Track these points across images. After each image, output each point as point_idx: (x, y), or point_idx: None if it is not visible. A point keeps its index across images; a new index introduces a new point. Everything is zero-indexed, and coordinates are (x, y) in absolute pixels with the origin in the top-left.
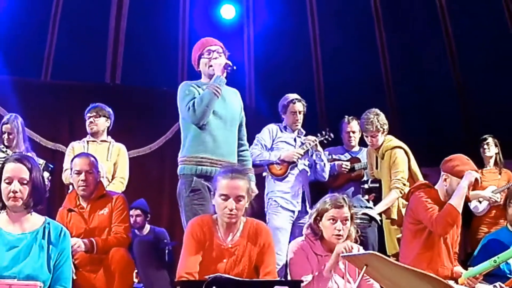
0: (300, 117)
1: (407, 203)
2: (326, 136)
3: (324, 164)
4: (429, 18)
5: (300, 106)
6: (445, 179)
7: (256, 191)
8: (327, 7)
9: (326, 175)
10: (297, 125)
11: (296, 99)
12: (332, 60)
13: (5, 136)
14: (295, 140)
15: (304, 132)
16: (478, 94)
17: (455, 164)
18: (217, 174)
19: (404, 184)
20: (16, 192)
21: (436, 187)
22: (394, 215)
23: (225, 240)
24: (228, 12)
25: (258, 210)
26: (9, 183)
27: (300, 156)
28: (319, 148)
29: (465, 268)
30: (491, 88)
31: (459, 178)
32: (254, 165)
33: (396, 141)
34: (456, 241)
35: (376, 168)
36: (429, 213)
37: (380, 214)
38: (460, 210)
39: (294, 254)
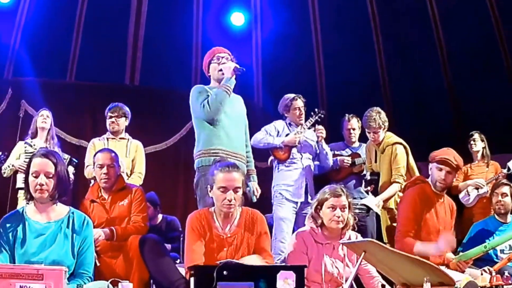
0: (303, 112)
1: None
2: (320, 115)
3: (327, 152)
4: (422, 26)
5: (301, 103)
6: (430, 169)
7: (259, 191)
8: (329, 15)
9: (330, 162)
10: (301, 120)
11: (297, 96)
12: (333, 62)
13: (39, 125)
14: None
15: (306, 126)
16: (466, 93)
17: (435, 153)
18: (214, 169)
19: (404, 179)
20: (43, 185)
21: (429, 180)
22: (392, 205)
23: (224, 230)
24: (237, 19)
25: (266, 201)
26: (36, 177)
27: (300, 139)
28: (324, 145)
29: (456, 254)
30: (478, 88)
31: (434, 163)
32: (256, 148)
33: (396, 138)
34: (447, 230)
35: (375, 161)
36: (402, 230)
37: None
38: (420, 254)
39: (292, 248)
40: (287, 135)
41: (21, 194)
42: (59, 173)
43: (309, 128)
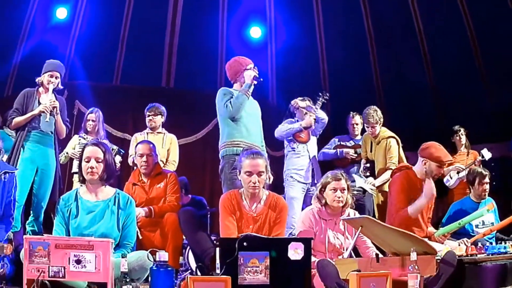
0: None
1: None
2: (326, 97)
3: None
4: (410, 38)
5: (304, 103)
6: (424, 163)
7: (271, 178)
8: (332, 29)
9: (325, 120)
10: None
11: (306, 98)
12: (335, 69)
13: (89, 123)
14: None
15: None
16: (447, 94)
17: (432, 151)
18: (241, 156)
19: (396, 166)
20: (93, 168)
21: (414, 167)
22: (385, 189)
23: (251, 209)
24: (255, 33)
25: (280, 184)
26: (88, 161)
27: (314, 119)
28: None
29: (437, 229)
30: (458, 89)
31: (436, 163)
32: (281, 136)
33: (389, 132)
34: (430, 208)
35: (371, 151)
36: (394, 207)
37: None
38: (414, 215)
39: (301, 223)
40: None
41: (75, 178)
42: (107, 159)
43: (321, 109)
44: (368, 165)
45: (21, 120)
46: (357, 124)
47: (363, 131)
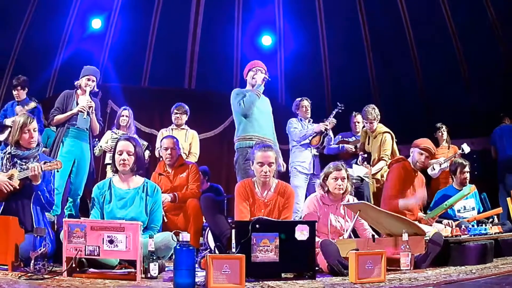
0: (308, 110)
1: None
2: (342, 107)
3: (331, 137)
4: (401, 45)
5: (306, 102)
6: (412, 152)
7: (285, 165)
8: (334, 37)
9: (338, 147)
10: (307, 115)
11: (304, 98)
12: (336, 73)
13: (123, 118)
14: (308, 127)
15: (312, 120)
16: (434, 95)
17: (416, 141)
18: (254, 149)
19: (389, 158)
20: (125, 160)
21: (409, 159)
22: (378, 177)
23: (262, 196)
24: (266, 41)
25: (286, 174)
26: (120, 154)
27: (326, 127)
28: (330, 133)
29: (425, 213)
30: (443, 91)
31: (416, 148)
32: (297, 140)
33: (385, 128)
34: (414, 194)
35: (368, 144)
36: (388, 194)
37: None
38: (402, 209)
39: (307, 208)
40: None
41: (108, 168)
42: (137, 152)
43: (334, 117)
44: (365, 155)
45: (61, 117)
46: (358, 122)
47: (348, 130)
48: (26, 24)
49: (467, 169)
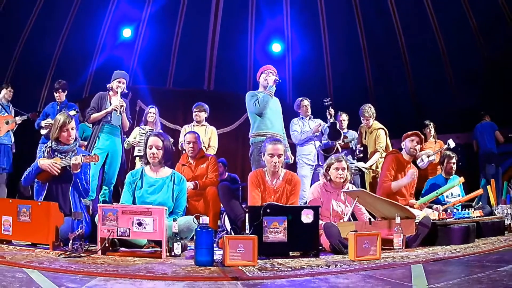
0: (308, 108)
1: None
2: (328, 101)
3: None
4: (394, 51)
5: (306, 102)
6: (403, 144)
7: (293, 158)
8: (335, 45)
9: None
10: (307, 114)
11: (304, 98)
12: (337, 76)
13: (151, 115)
14: (309, 124)
15: (312, 116)
16: (423, 96)
17: (406, 133)
18: (265, 142)
19: (383, 150)
20: (154, 153)
21: (402, 152)
22: (373, 168)
23: (272, 184)
24: (276, 48)
25: (293, 165)
26: (151, 148)
27: (319, 129)
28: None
29: (417, 200)
30: (431, 92)
31: (407, 137)
32: (299, 142)
33: (380, 124)
34: (413, 186)
35: (365, 138)
36: (382, 180)
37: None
38: (395, 189)
39: (311, 195)
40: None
41: (137, 160)
42: (165, 146)
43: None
44: (362, 148)
45: (97, 115)
46: (344, 120)
47: (349, 125)
48: (65, 34)
49: (453, 160)
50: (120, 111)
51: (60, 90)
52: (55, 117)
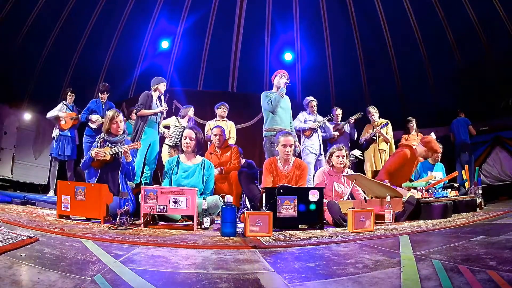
0: (315, 107)
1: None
2: (333, 116)
3: (329, 128)
4: (385, 58)
5: (314, 103)
6: (420, 146)
7: (300, 147)
8: (336, 55)
9: (331, 132)
10: (314, 111)
11: (313, 100)
12: (339, 80)
13: (191, 111)
14: (314, 120)
15: (317, 113)
16: (409, 96)
17: (426, 140)
18: (278, 135)
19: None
20: (188, 143)
21: (416, 147)
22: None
23: (284, 169)
24: (288, 57)
25: (298, 154)
26: (185, 139)
27: (317, 126)
28: (327, 124)
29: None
30: (415, 92)
31: (424, 147)
32: (295, 128)
33: (385, 120)
34: (410, 172)
35: (373, 130)
36: (385, 167)
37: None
38: (407, 188)
39: (317, 178)
40: (307, 118)
41: (164, 146)
42: (197, 138)
43: (322, 123)
44: (374, 137)
45: (148, 113)
46: (338, 114)
47: (342, 118)
48: (114, 46)
49: (440, 150)
50: (164, 112)
51: (104, 92)
52: (96, 111)
